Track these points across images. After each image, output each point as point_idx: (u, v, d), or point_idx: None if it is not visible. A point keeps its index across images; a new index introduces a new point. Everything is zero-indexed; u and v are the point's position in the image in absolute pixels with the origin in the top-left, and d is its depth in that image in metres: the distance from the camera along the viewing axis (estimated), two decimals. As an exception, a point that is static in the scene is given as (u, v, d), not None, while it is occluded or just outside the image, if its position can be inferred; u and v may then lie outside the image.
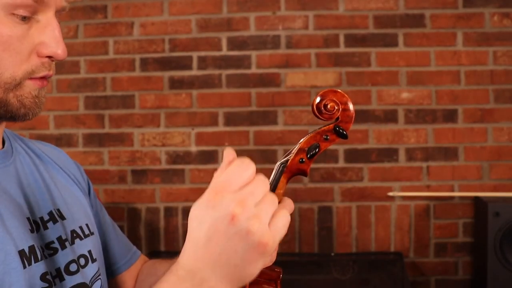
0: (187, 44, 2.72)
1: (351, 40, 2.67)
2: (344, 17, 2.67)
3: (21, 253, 0.78)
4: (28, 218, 0.84)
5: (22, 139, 1.00)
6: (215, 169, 0.73)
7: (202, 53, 2.72)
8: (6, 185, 0.85)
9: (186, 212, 2.72)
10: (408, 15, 2.66)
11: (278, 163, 0.85)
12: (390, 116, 2.68)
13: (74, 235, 0.92)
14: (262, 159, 2.65)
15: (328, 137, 0.87)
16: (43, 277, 0.80)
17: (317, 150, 0.84)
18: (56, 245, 0.87)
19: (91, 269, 0.92)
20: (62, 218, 0.91)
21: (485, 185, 2.65)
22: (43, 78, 0.82)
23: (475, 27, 2.64)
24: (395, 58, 2.67)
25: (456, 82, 2.66)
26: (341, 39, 2.68)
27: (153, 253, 2.65)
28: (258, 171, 0.72)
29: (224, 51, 2.71)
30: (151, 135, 2.73)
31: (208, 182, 0.72)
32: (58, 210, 0.92)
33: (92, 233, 0.97)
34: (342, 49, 2.68)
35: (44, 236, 0.86)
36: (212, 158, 2.71)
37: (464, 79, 2.65)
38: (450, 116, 2.66)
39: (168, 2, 2.71)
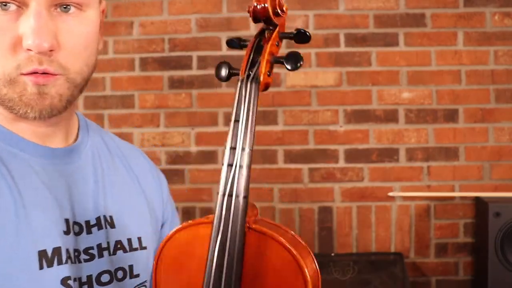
0: (187, 43, 2.71)
1: (352, 40, 2.67)
2: (345, 17, 2.67)
3: (41, 253, 0.76)
4: (66, 220, 0.82)
5: (103, 136, 0.98)
6: (215, 169, 0.72)
7: (202, 53, 2.71)
8: (55, 183, 0.83)
9: (186, 212, 2.71)
10: (409, 15, 2.65)
11: (246, 80, 0.76)
12: (390, 116, 2.67)
13: (118, 246, 0.89)
14: (262, 159, 2.64)
15: (278, 44, 0.81)
16: (64, 282, 0.78)
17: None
18: (94, 251, 0.85)
19: (129, 285, 0.89)
20: (112, 226, 0.88)
21: (486, 185, 2.65)
22: (37, 73, 0.76)
23: (476, 27, 2.63)
24: (396, 58, 2.66)
25: (457, 82, 2.65)
26: (342, 38, 2.67)
27: (153, 254, 2.65)
28: (258, 171, 0.71)
29: (224, 51, 2.70)
30: (151, 135, 2.73)
31: (208, 182, 0.71)
32: (110, 217, 0.89)
33: (143, 248, 0.92)
34: (342, 48, 2.67)
35: (84, 240, 0.84)
36: (212, 158, 2.70)
37: (465, 79, 2.64)
38: (451, 116, 2.65)
39: (167, 2, 2.71)
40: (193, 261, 0.75)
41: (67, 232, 0.81)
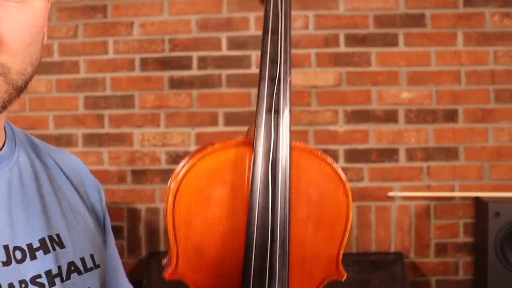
0: (187, 44, 2.72)
1: (351, 40, 2.67)
2: (344, 17, 2.67)
3: None
4: (5, 247, 0.68)
5: (34, 146, 0.83)
6: (215, 170, 0.70)
7: (202, 53, 2.71)
8: None
9: (186, 212, 2.71)
10: (409, 15, 2.65)
11: None
12: (390, 116, 2.67)
13: (72, 268, 0.76)
14: (262, 159, 2.64)
15: None
16: None
17: None
18: (43, 280, 0.71)
19: None
20: (61, 246, 0.75)
21: (486, 185, 2.65)
22: None
23: (476, 27, 2.63)
24: (396, 58, 2.66)
25: (457, 82, 2.65)
26: (341, 39, 2.67)
27: (153, 254, 2.65)
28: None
29: (224, 51, 2.71)
30: (151, 135, 2.73)
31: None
32: (58, 235, 0.76)
33: (97, 266, 0.81)
34: (342, 49, 2.67)
35: (29, 268, 0.70)
36: (212, 158, 2.70)
37: (464, 79, 2.65)
38: (451, 116, 2.66)
39: (168, 2, 2.71)
40: (224, 189, 0.68)
41: (6, 262, 0.67)
